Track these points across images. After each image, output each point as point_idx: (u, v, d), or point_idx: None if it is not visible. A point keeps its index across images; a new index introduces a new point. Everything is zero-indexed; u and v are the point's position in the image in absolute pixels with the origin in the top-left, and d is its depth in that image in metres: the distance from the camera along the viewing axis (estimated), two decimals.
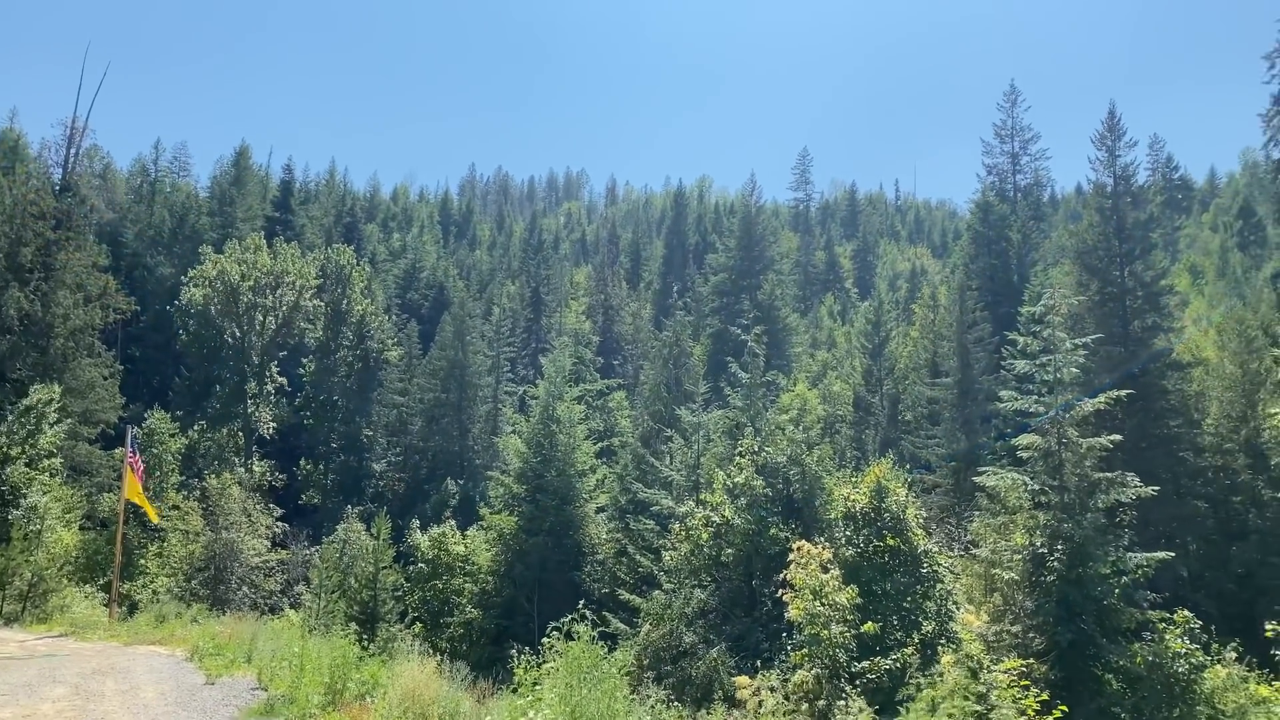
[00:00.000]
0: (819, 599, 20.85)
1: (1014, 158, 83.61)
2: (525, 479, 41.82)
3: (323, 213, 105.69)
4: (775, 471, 28.44)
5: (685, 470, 36.04)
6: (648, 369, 62.04)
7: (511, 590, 39.48)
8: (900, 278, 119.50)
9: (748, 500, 26.74)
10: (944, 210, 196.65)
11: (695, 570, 26.67)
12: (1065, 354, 26.48)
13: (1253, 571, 37.94)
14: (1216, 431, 42.91)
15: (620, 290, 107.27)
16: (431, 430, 72.24)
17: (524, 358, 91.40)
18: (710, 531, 26.50)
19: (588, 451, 43.93)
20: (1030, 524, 24.59)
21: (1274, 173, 53.59)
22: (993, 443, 44.94)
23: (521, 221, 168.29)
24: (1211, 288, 71.33)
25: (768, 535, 26.42)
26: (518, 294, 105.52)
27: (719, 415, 39.38)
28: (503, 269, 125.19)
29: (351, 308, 72.23)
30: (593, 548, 40.84)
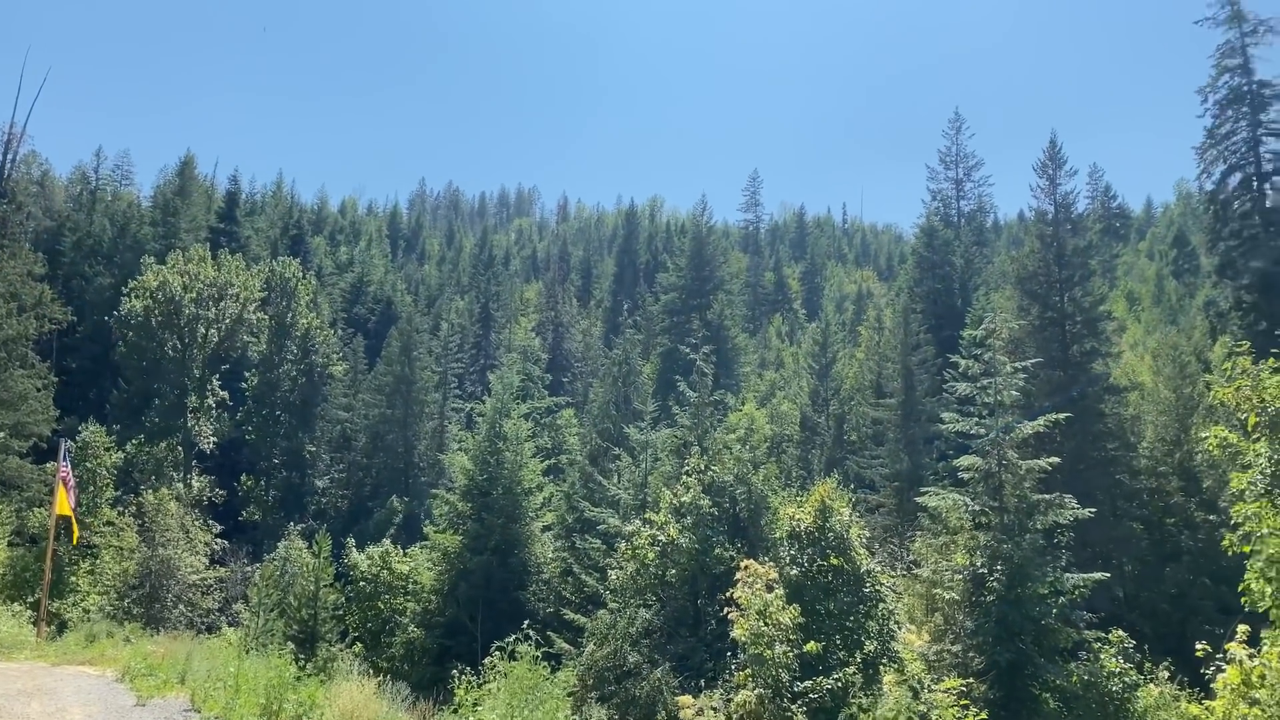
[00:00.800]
0: (764, 618, 20.92)
1: (958, 184, 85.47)
2: (471, 496, 41.46)
3: (269, 225, 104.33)
4: (722, 490, 28.53)
5: (633, 489, 36.01)
6: (597, 387, 62.01)
7: (455, 609, 39.03)
8: (847, 299, 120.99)
9: (694, 519, 26.78)
10: (890, 234, 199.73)
11: (640, 589, 26.60)
12: (1005, 377, 27.01)
13: (1185, 591, 38.88)
14: (1151, 454, 44.03)
15: (571, 307, 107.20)
16: (376, 446, 71.39)
17: (472, 374, 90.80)
18: (656, 551, 26.47)
19: (535, 469, 43.71)
20: (971, 544, 24.97)
21: (1207, 204, 55.17)
22: (935, 463, 45.65)
23: (472, 237, 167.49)
24: (1148, 314, 73.31)
25: (713, 554, 26.45)
26: (467, 310, 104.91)
27: (667, 434, 39.44)
28: (452, 284, 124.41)
29: (296, 321, 71.23)
30: (538, 566, 40.57)
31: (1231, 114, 51.97)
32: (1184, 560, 40.11)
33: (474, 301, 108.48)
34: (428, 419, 71.79)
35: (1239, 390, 18.02)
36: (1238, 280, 50.15)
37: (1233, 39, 52.05)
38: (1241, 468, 17.98)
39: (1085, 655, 23.45)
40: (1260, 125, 51.29)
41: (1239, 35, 51.83)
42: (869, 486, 51.30)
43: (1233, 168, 52.26)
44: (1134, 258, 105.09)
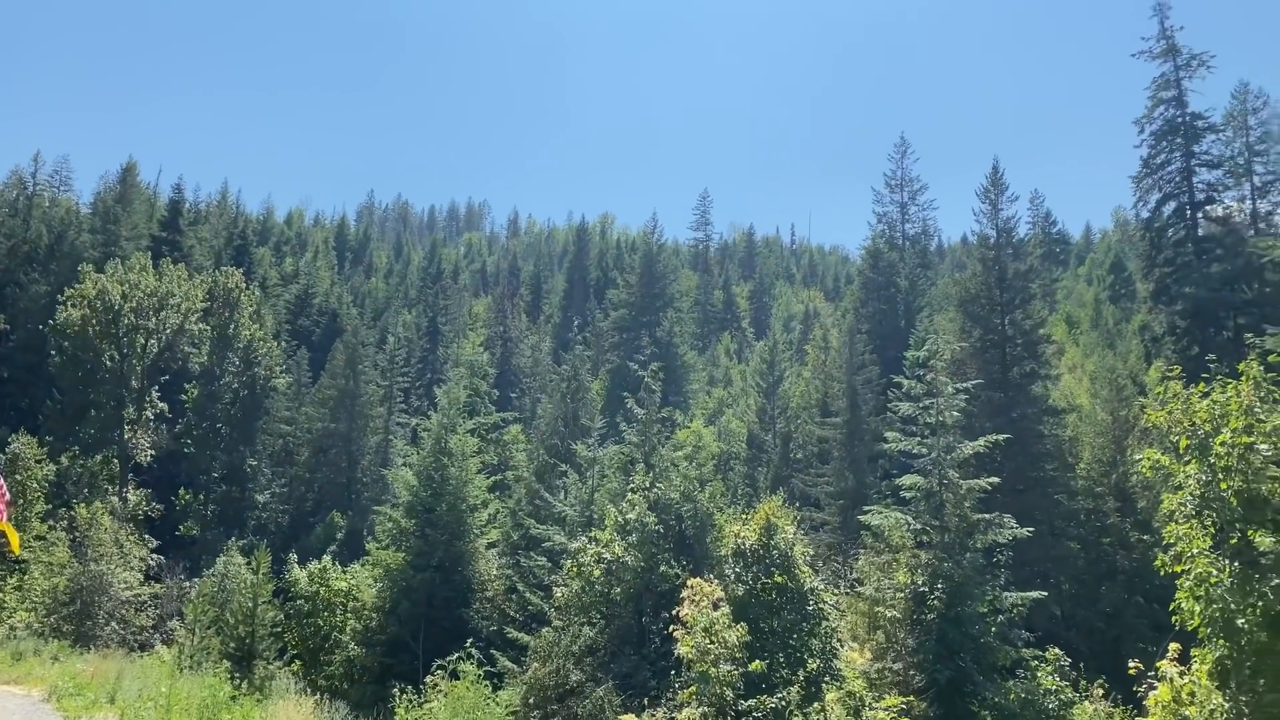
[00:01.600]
0: (709, 636, 20.92)
1: (903, 207, 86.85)
2: (414, 513, 40.97)
3: (213, 234, 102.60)
4: (668, 508, 28.57)
5: (579, 506, 35.88)
6: (545, 403, 61.74)
7: (397, 627, 38.48)
8: (795, 319, 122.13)
9: (639, 537, 26.76)
10: (837, 255, 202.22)
11: (585, 607, 26.49)
12: (947, 398, 27.45)
13: (1120, 610, 39.71)
14: (1088, 475, 45.01)
15: (520, 323, 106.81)
16: (319, 461, 70.31)
17: (418, 388, 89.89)
18: (602, 568, 26.39)
19: (480, 486, 43.36)
20: (912, 563, 25.27)
21: (1143, 232, 56.72)
22: (879, 482, 46.16)
23: (420, 250, 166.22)
24: (1086, 338, 74.97)
25: (659, 572, 26.47)
26: (414, 323, 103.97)
27: (614, 451, 39.40)
28: (399, 297, 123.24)
29: (239, 332, 70.00)
30: (482, 584, 40.18)
31: (1166, 145, 53.61)
32: (1119, 579, 41.00)
33: (421, 315, 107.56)
34: (372, 433, 70.90)
35: (1171, 414, 18.48)
36: (1171, 306, 51.62)
37: (1168, 72, 53.79)
38: (1173, 489, 18.43)
39: (1023, 673, 23.81)
40: (1193, 156, 52.97)
41: (1174, 69, 53.58)
42: (814, 504, 51.73)
43: (1167, 197, 53.87)
44: (1073, 282, 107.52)
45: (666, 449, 36.34)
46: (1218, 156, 53.91)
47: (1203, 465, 17.66)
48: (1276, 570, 16.30)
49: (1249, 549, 16.70)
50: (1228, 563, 16.87)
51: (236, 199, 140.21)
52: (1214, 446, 17.47)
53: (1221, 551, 17.13)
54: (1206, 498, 17.58)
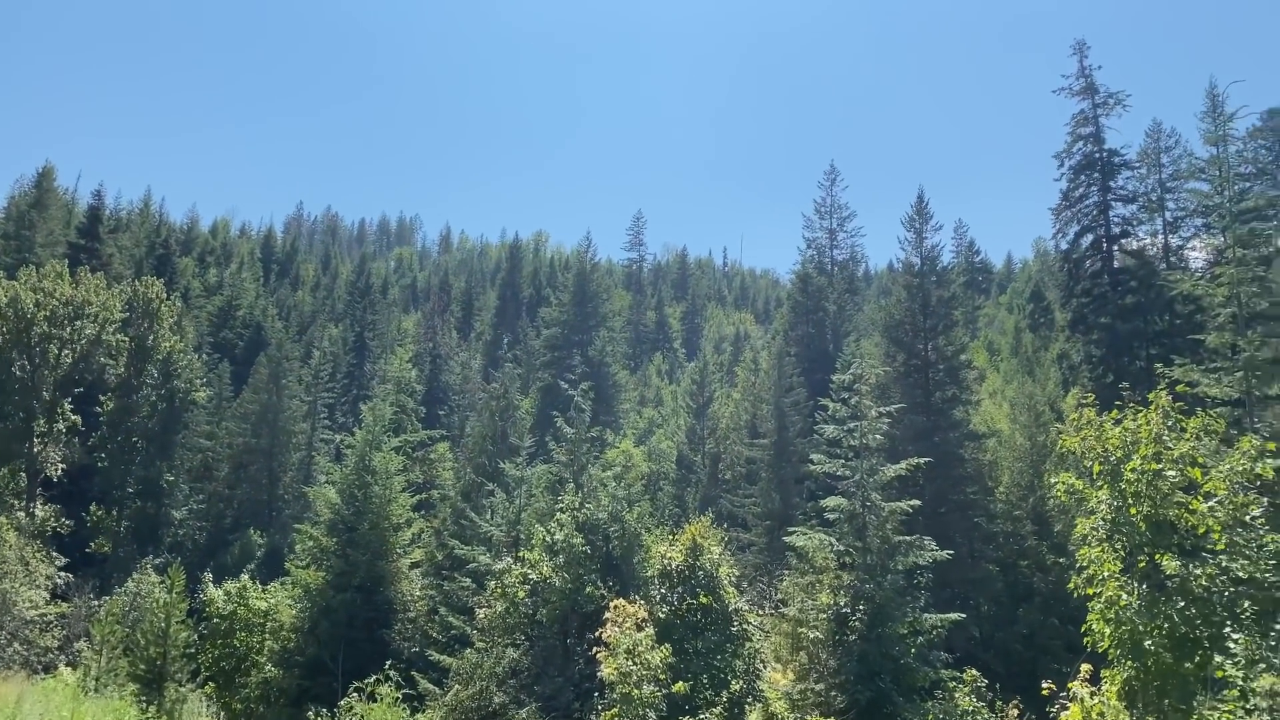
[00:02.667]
0: (632, 658, 20.85)
1: (832, 233, 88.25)
2: (336, 531, 40.13)
3: (134, 243, 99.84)
4: (596, 528, 28.44)
5: (506, 526, 35.53)
6: (474, 421, 61.13)
7: (316, 648, 37.56)
8: (725, 341, 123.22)
9: (566, 558, 26.57)
10: (768, 279, 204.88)
11: (509, 629, 26.18)
12: (871, 421, 27.87)
13: (1036, 631, 40.56)
14: (1007, 499, 46.01)
15: (450, 339, 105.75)
16: (239, 477, 68.57)
17: (344, 404, 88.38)
18: (527, 589, 26.13)
19: (405, 504, 42.66)
20: (835, 584, 25.52)
21: (1061, 262, 58.43)
22: (805, 503, 46.65)
23: (349, 264, 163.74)
24: (1006, 364, 76.90)
25: (585, 593, 26.29)
26: (341, 338, 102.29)
27: (543, 470, 39.14)
28: (326, 311, 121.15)
29: (159, 344, 68.02)
30: (405, 605, 39.48)
31: (1084, 179, 55.40)
32: (1036, 601, 41.88)
33: (349, 330, 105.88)
34: (295, 450, 69.46)
35: (1085, 440, 19.05)
36: (1088, 335, 53.23)
37: (1086, 109, 55.68)
38: (1086, 514, 18.97)
39: (941, 694, 24.14)
40: (1110, 190, 54.84)
41: (1092, 106, 55.49)
42: (741, 525, 52.02)
43: (1085, 229, 55.62)
44: (995, 310, 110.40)
45: (596, 468, 36.22)
46: (1133, 192, 55.89)
47: (1114, 491, 18.23)
48: (1182, 593, 16.86)
49: (1156, 572, 17.25)
50: (1136, 585, 17.41)
51: (160, 207, 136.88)
52: (1125, 473, 18.04)
53: (1131, 575, 17.67)
54: (1117, 522, 18.14)
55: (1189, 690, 15.89)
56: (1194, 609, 16.53)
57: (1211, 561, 16.98)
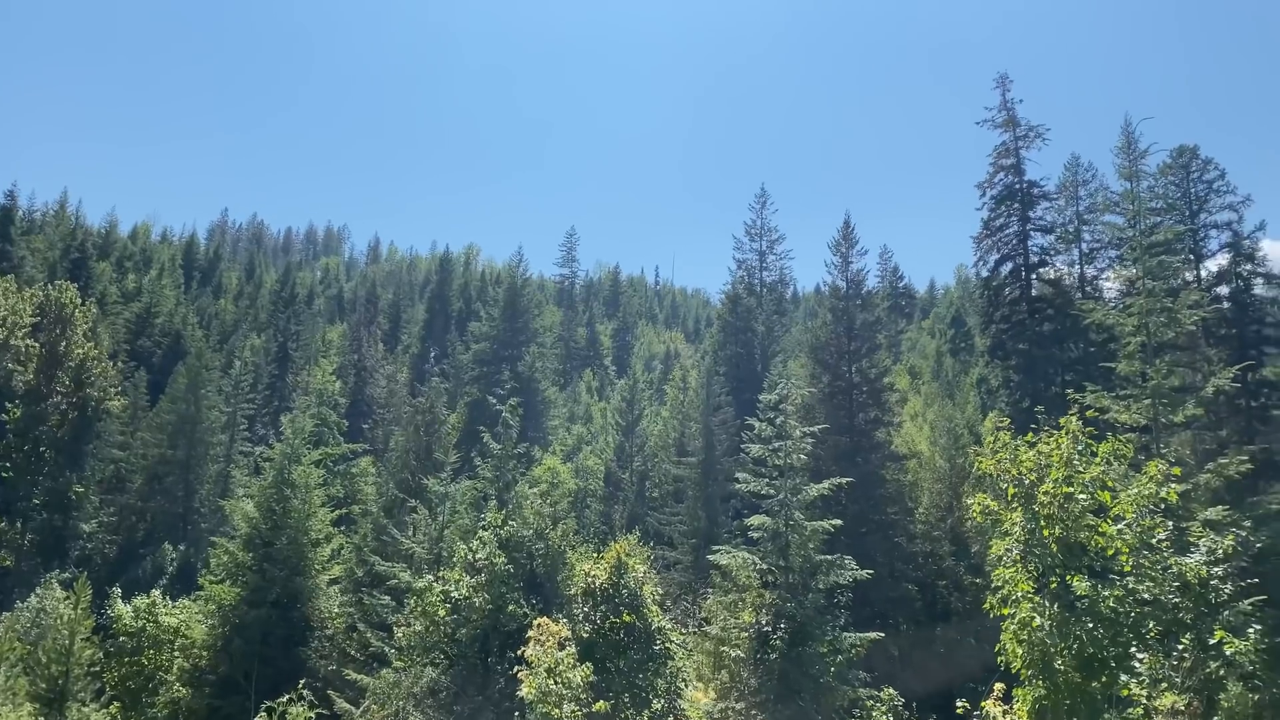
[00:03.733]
0: (554, 676, 20.64)
1: (762, 255, 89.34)
2: (253, 546, 39.12)
3: (48, 246, 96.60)
4: (520, 546, 28.19)
5: (428, 542, 35.00)
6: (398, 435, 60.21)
7: (228, 666, 36.56)
8: (656, 359, 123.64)
9: (489, 576, 26.26)
10: (699, 298, 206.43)
11: (429, 648, 25.73)
12: (795, 441, 28.20)
13: (952, 650, 41.31)
14: (927, 519, 46.94)
15: (376, 351, 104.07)
16: (153, 489, 66.44)
17: (265, 416, 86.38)
18: (448, 608, 25.74)
19: (325, 519, 41.80)
20: (758, 602, 25.68)
21: (982, 289, 59.94)
22: (730, 521, 46.94)
23: (274, 272, 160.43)
24: (927, 388, 78.46)
25: (507, 612, 26.00)
26: (263, 348, 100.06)
27: (468, 486, 38.72)
28: (249, 321, 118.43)
29: (71, 350, 65.74)
30: (322, 622, 38.64)
31: (1005, 209, 57.00)
32: (953, 620, 42.73)
33: (272, 340, 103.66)
34: (212, 462, 67.62)
35: (1000, 462, 19.51)
36: (1006, 360, 54.66)
37: (1008, 141, 57.35)
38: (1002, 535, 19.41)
39: (859, 713, 24.42)
40: (1029, 221, 56.51)
41: (1013, 138, 57.18)
42: (668, 543, 52.09)
43: (1005, 258, 57.19)
44: (917, 334, 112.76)
45: (522, 485, 35.94)
46: (1051, 223, 57.72)
47: (1028, 513, 18.68)
48: (1091, 614, 17.33)
49: (1067, 593, 17.69)
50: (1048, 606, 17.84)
51: (76, 210, 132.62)
52: (1038, 495, 18.52)
53: (1043, 595, 18.11)
54: (1030, 544, 18.58)
55: (1096, 709, 16.31)
56: (1102, 629, 16.99)
57: (1119, 583, 17.49)
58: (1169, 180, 49.84)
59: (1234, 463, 30.23)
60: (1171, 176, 49.75)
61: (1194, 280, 47.70)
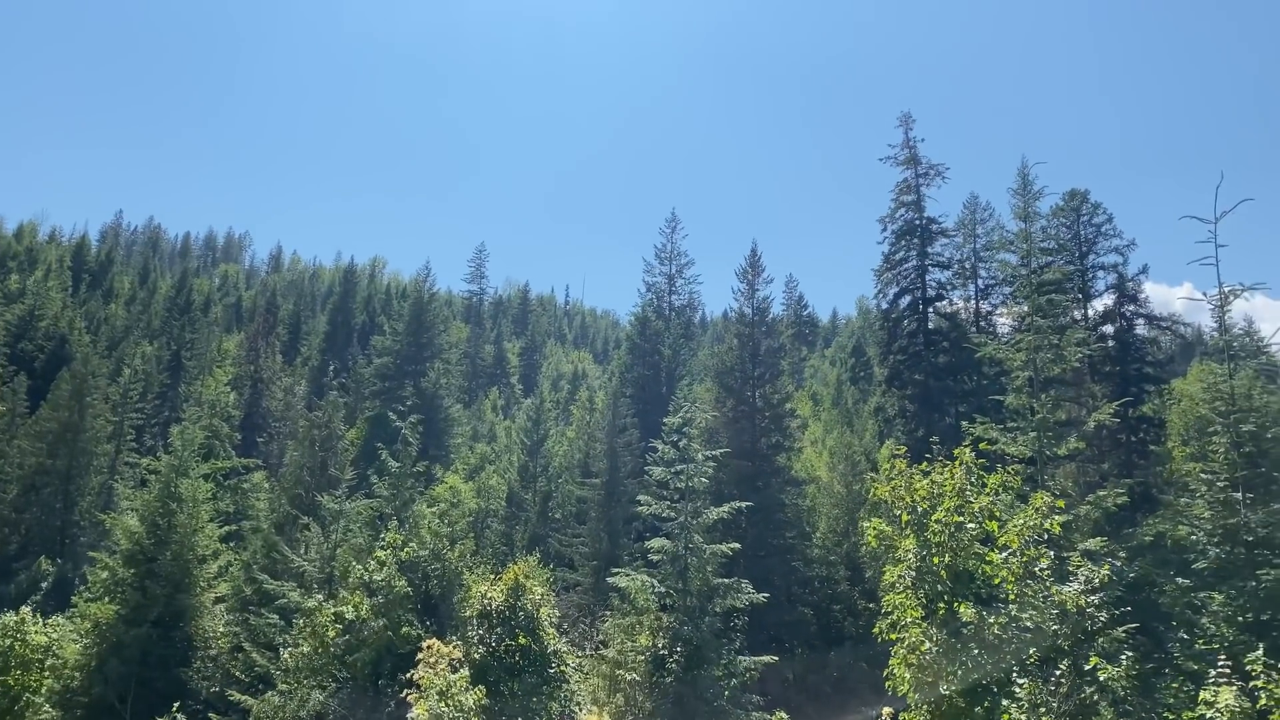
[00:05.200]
0: (445, 699, 20.26)
1: (671, 279, 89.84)
2: (134, 562, 37.45)
3: None
4: (415, 566, 27.66)
5: (320, 561, 34.06)
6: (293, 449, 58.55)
7: (102, 688, 34.81)
8: (563, 379, 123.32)
9: (384, 597, 25.66)
10: (608, 319, 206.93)
11: (316, 669, 24.98)
12: (698, 464, 28.38)
13: (845, 675, 42.00)
14: (823, 544, 47.75)
15: (274, 363, 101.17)
16: (29, 500, 63.15)
17: (154, 427, 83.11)
18: (339, 629, 25.04)
19: (212, 535, 40.31)
20: (655, 625, 25.68)
21: (881, 321, 61.50)
22: (632, 544, 46.92)
23: (170, 278, 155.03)
24: (828, 414, 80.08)
25: (400, 633, 25.44)
26: (155, 356, 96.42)
27: (363, 504, 37.83)
28: (141, 327, 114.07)
29: None
30: (206, 642, 37.18)
31: (905, 244, 58.72)
32: (846, 645, 43.46)
33: (165, 348, 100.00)
34: (95, 473, 64.70)
35: (895, 490, 19.98)
36: (903, 390, 56.12)
37: (910, 178, 59.17)
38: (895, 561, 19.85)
39: None
40: (928, 256, 58.31)
41: (915, 175, 59.03)
42: (568, 564, 51.74)
43: (904, 290, 58.85)
44: (819, 362, 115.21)
45: (421, 504, 35.29)
46: (949, 258, 59.69)
47: (920, 540, 19.15)
48: (976, 640, 17.82)
49: (954, 620, 18.17)
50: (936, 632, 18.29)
51: None
52: (930, 524, 19.01)
53: (931, 621, 18.56)
54: (921, 570, 19.05)
55: None
56: (986, 656, 17.49)
57: (1004, 610, 18.03)
58: (1061, 222, 52.09)
59: (1112, 495, 31.57)
60: (1063, 218, 52.01)
61: (1082, 319, 49.85)
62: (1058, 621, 17.85)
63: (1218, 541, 27.79)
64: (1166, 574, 29.44)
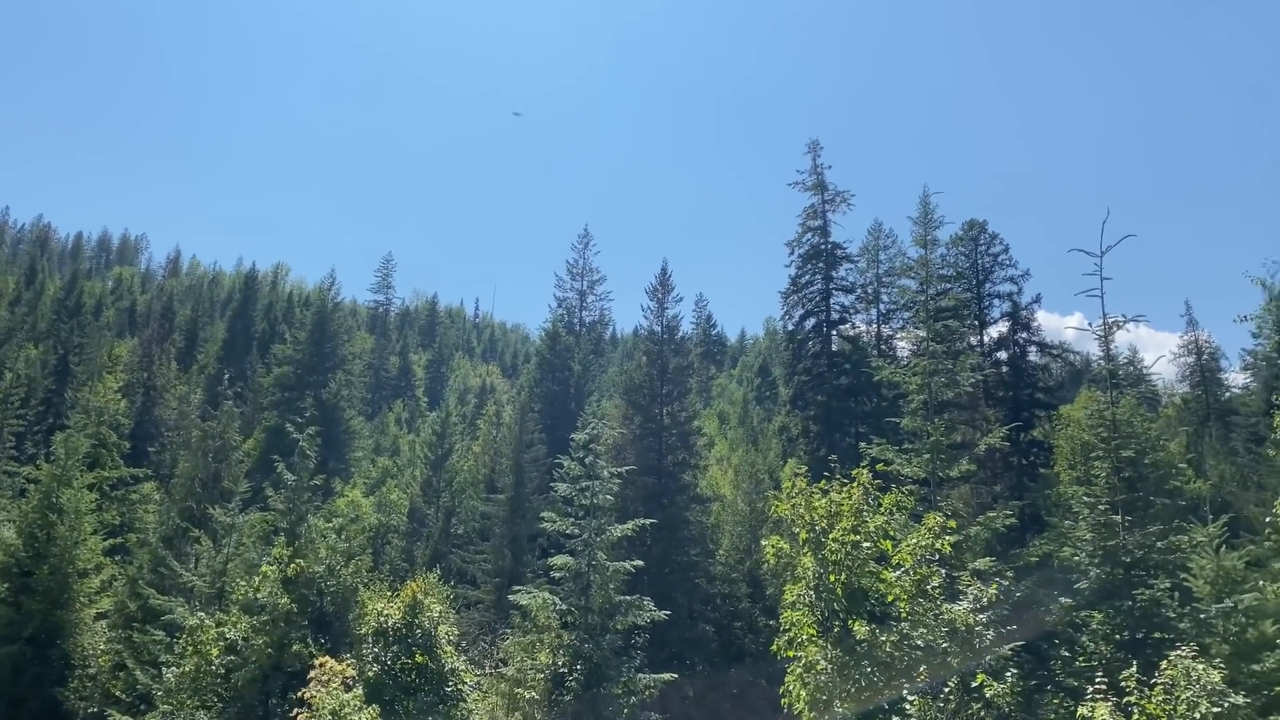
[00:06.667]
0: (337, 719, 19.77)
1: (582, 295, 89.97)
2: (9, 576, 35.54)
3: None
4: (310, 582, 26.96)
5: (210, 576, 32.90)
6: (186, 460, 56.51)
7: None
8: (471, 392, 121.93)
9: (271, 614, 24.92)
10: (518, 333, 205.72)
11: (201, 689, 24.09)
12: (603, 481, 28.39)
13: (745, 692, 42.43)
14: (726, 561, 48.19)
15: (169, 370, 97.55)
16: None
17: (36, 434, 79.15)
18: (223, 646, 24.21)
19: (95, 548, 38.54)
20: (555, 643, 25.53)
21: (787, 342, 62.70)
22: (535, 561, 46.62)
23: (59, 279, 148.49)
24: (734, 433, 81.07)
25: (291, 651, 24.74)
26: (40, 360, 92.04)
27: (257, 518, 36.73)
28: (26, 329, 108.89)
29: None
30: (85, 660, 35.50)
31: (811, 267, 60.03)
32: (746, 662, 43.90)
33: (51, 352, 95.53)
34: None
35: (794, 508, 20.34)
36: (806, 411, 57.22)
37: (816, 204, 60.57)
38: (795, 579, 20.18)
39: None
40: (832, 280, 59.71)
41: (821, 201, 60.44)
42: (470, 581, 51.11)
43: (809, 313, 60.11)
44: (727, 382, 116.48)
45: (317, 518, 34.39)
46: (853, 283, 61.30)
47: (818, 558, 19.53)
48: (870, 657, 18.22)
49: (849, 637, 18.55)
50: (831, 649, 18.65)
51: None
52: (827, 542, 19.40)
53: (827, 638, 18.91)
54: (819, 588, 19.42)
55: None
56: (879, 673, 17.89)
57: (896, 628, 18.49)
58: (959, 250, 53.93)
59: (1001, 516, 32.70)
60: (962, 247, 53.85)
61: (978, 344, 51.62)
62: (947, 639, 18.37)
63: (1099, 562, 28.99)
64: (1051, 593, 30.58)
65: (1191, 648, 16.27)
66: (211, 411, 74.84)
